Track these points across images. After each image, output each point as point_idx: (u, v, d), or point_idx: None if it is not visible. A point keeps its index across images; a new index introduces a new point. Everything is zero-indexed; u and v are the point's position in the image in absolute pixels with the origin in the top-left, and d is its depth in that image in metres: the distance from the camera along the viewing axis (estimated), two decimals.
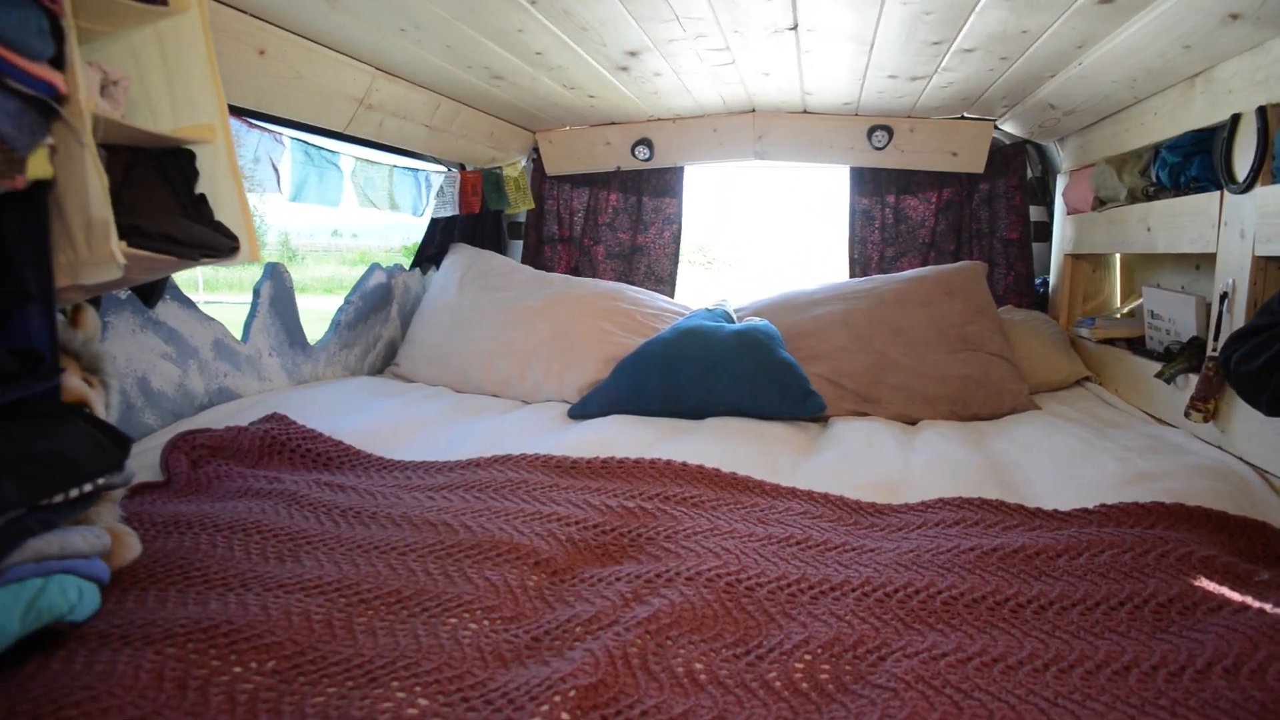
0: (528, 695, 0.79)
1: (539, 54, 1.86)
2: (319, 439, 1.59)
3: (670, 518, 1.23)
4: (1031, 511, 1.28)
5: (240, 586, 1.00)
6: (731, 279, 8.48)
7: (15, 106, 0.82)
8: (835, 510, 1.32)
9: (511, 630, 0.94)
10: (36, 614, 0.84)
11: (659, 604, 0.96)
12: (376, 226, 16.68)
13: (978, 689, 0.81)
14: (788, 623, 0.96)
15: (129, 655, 0.83)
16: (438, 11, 1.55)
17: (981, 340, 2.03)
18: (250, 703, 0.78)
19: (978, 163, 2.52)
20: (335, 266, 15.08)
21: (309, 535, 1.15)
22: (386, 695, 0.79)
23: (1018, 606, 0.99)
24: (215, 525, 1.18)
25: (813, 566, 1.09)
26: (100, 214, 0.90)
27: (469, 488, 1.35)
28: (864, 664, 0.87)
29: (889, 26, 1.65)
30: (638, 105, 2.46)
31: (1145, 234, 1.78)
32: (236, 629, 0.88)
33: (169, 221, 0.99)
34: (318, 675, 0.83)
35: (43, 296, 0.95)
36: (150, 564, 1.05)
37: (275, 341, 1.97)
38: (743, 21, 1.66)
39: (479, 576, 1.04)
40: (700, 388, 1.92)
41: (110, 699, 0.76)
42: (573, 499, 1.29)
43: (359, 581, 1.01)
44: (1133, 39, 1.51)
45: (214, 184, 1.08)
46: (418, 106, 2.09)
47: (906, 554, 1.13)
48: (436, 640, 0.89)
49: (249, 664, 0.84)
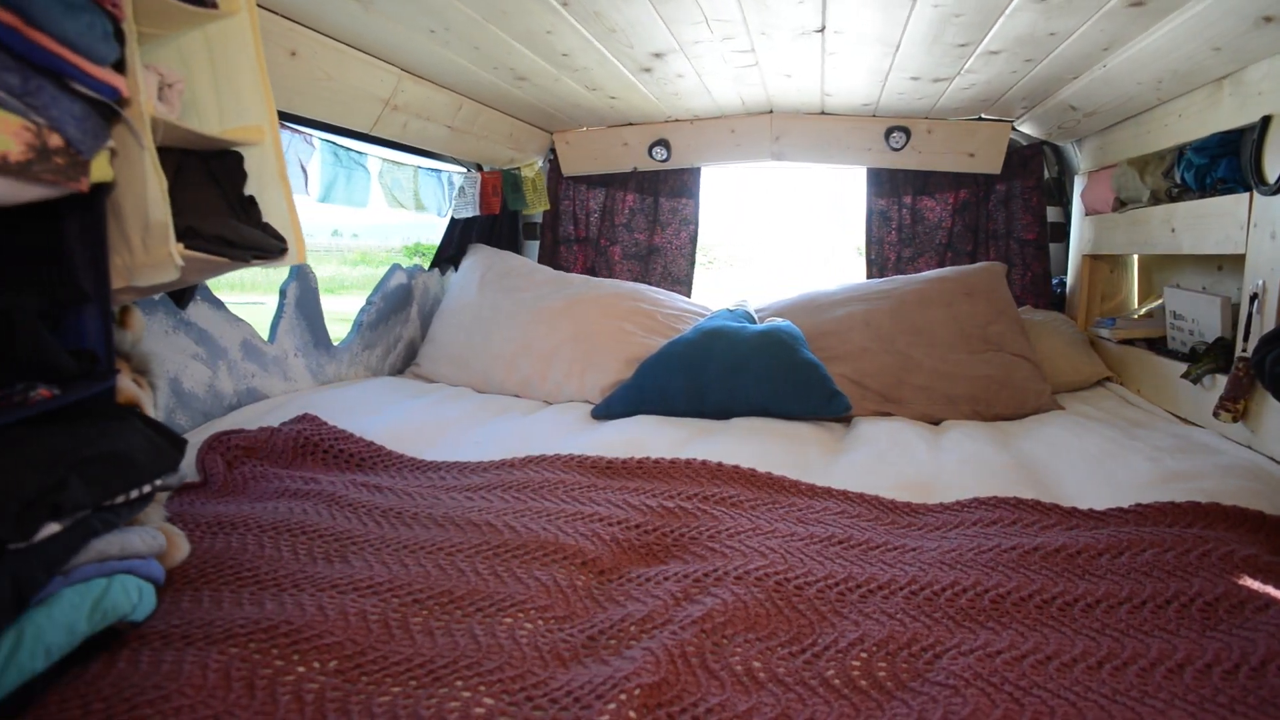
0: (593, 694, 0.79)
1: (565, 55, 1.86)
2: (351, 439, 1.59)
3: (711, 518, 1.24)
4: (1067, 511, 1.29)
5: (293, 587, 1.00)
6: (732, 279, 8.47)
7: (81, 110, 0.82)
8: (872, 510, 1.33)
9: (566, 630, 0.94)
10: (102, 614, 0.84)
11: (711, 603, 0.97)
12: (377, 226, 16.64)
13: (1036, 686, 0.82)
14: (840, 621, 0.97)
15: (194, 655, 0.83)
16: (469, 13, 1.55)
17: (1004, 341, 2.04)
18: (318, 702, 0.79)
19: (995, 164, 2.53)
20: (336, 266, 15.05)
21: (354, 536, 1.16)
22: (452, 695, 0.80)
23: (1065, 605, 1.00)
24: (259, 526, 1.18)
25: (858, 566, 1.10)
26: (159, 216, 0.91)
27: (506, 488, 1.35)
28: (920, 662, 0.88)
29: (917, 28, 1.66)
30: (657, 106, 2.46)
31: (1169, 235, 1.79)
32: (296, 629, 0.89)
33: (222, 223, 0.99)
34: (380, 675, 0.83)
35: (99, 298, 0.96)
36: (200, 564, 1.06)
37: (300, 342, 1.97)
38: (771, 23, 1.67)
39: (529, 576, 1.04)
40: (725, 388, 1.93)
41: (181, 698, 0.76)
42: (612, 499, 1.30)
43: (409, 582, 1.02)
44: (1161, 41, 1.52)
45: (261, 186, 1.09)
46: (441, 107, 2.10)
47: (949, 553, 1.14)
48: (495, 640, 0.90)
49: (311, 664, 0.84)
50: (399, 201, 1.97)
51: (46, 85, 0.79)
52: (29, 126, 0.76)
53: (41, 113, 0.78)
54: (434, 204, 2.17)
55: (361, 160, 1.87)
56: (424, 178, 2.13)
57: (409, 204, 2.02)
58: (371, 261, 12.54)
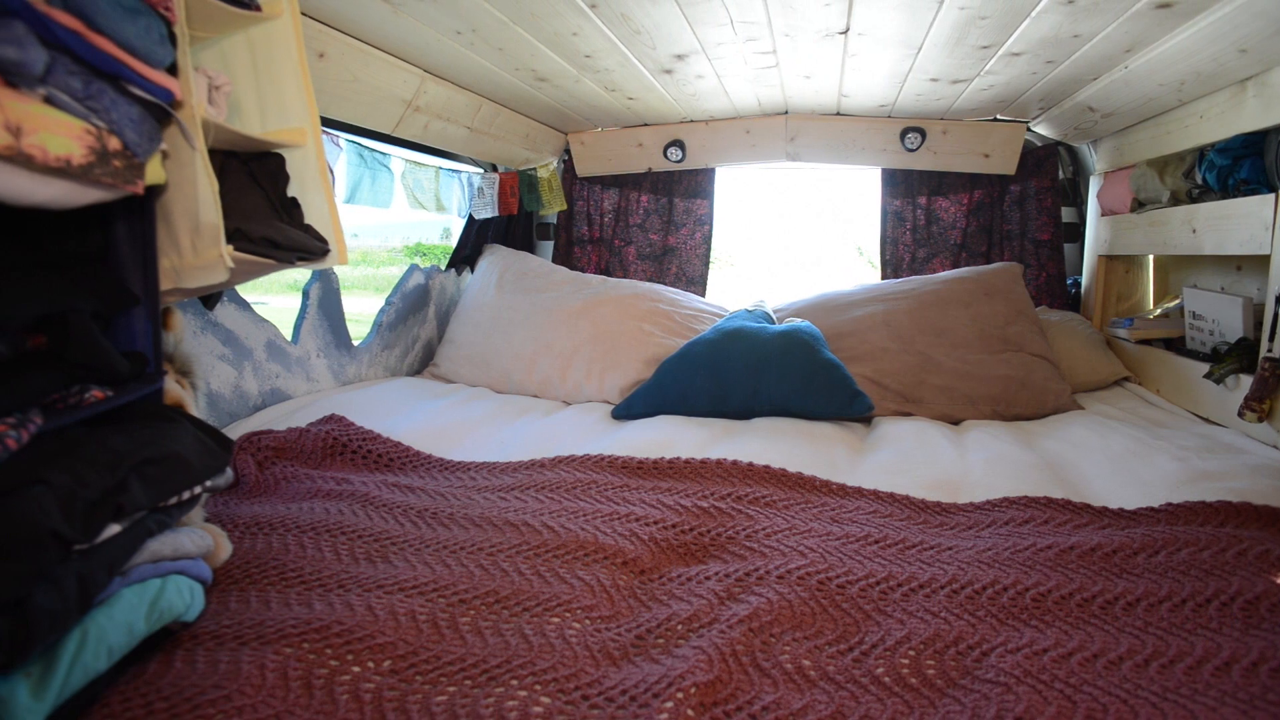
0: (650, 693, 0.80)
1: (588, 57, 1.87)
2: (379, 440, 1.60)
3: (747, 517, 1.25)
4: (1098, 510, 1.30)
5: (338, 587, 1.01)
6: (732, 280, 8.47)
7: (138, 113, 0.83)
8: (904, 509, 1.33)
9: (613, 629, 0.95)
10: (159, 614, 0.85)
11: (757, 602, 0.98)
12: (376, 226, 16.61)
13: (1086, 684, 0.83)
14: (884, 620, 0.97)
15: (250, 655, 0.84)
16: (498, 15, 1.56)
17: (1023, 341, 2.05)
18: (375, 701, 0.79)
19: (1010, 164, 2.54)
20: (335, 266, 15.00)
21: (393, 537, 1.17)
22: (509, 694, 0.80)
23: (1106, 604, 1.00)
24: (298, 526, 1.19)
25: (897, 565, 1.11)
26: (210, 218, 0.91)
27: (539, 488, 1.36)
28: (968, 660, 0.89)
29: (941, 30, 1.67)
30: (674, 107, 2.47)
31: (1190, 235, 1.80)
32: (348, 629, 0.89)
33: (268, 225, 1.00)
34: (435, 675, 0.84)
35: (148, 301, 0.96)
36: (243, 564, 1.06)
37: (322, 343, 1.98)
38: (796, 25, 1.68)
39: (572, 576, 1.05)
40: (747, 388, 1.93)
41: (242, 698, 0.77)
42: (646, 499, 1.30)
43: (453, 582, 1.02)
44: (1186, 43, 1.53)
45: (303, 187, 1.09)
46: (461, 108, 2.10)
47: (985, 552, 1.14)
48: (545, 639, 0.90)
49: (366, 664, 0.85)
50: (420, 202, 1.97)
51: (107, 89, 0.80)
52: (90, 130, 0.77)
53: (102, 116, 0.79)
54: (454, 205, 2.18)
55: (385, 161, 1.88)
56: (444, 178, 2.14)
57: (430, 205, 2.03)
58: (372, 261, 12.53)
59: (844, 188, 5.98)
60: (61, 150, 0.73)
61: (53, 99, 0.75)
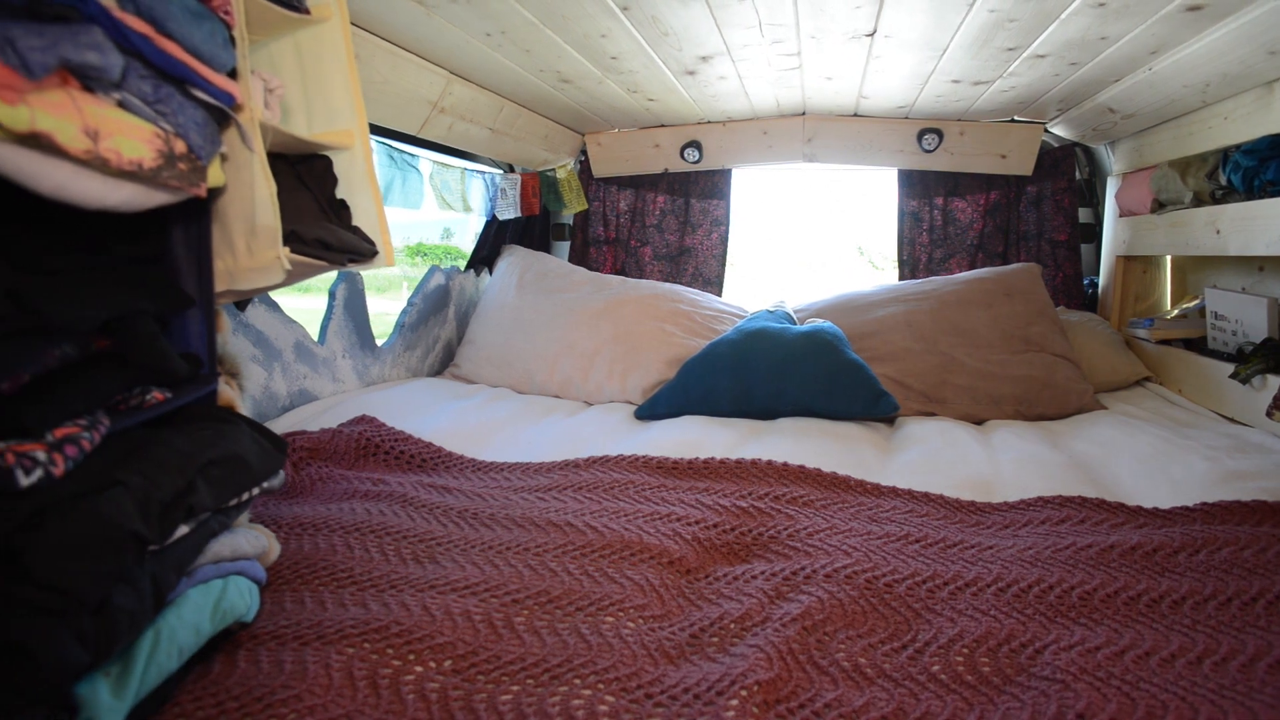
0: (714, 691, 0.81)
1: (614, 58, 1.88)
2: (410, 441, 1.60)
3: (787, 517, 1.25)
4: (1132, 510, 1.31)
5: (390, 588, 1.01)
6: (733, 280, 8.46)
7: (202, 117, 0.84)
8: (939, 509, 1.34)
9: (666, 628, 0.96)
10: (222, 615, 0.86)
11: (808, 601, 0.98)
12: None
13: (1143, 681, 0.84)
14: (935, 618, 0.98)
15: (314, 655, 0.84)
16: (529, 16, 1.56)
17: (1044, 341, 2.06)
18: (442, 701, 0.80)
19: (1026, 165, 2.55)
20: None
21: (437, 537, 1.17)
22: (573, 693, 0.81)
23: (1152, 601, 1.01)
24: (341, 527, 1.19)
25: (941, 564, 1.11)
26: (268, 220, 0.92)
27: (577, 489, 1.37)
28: (1022, 657, 0.90)
29: (968, 33, 1.67)
30: (693, 109, 2.48)
31: (1214, 236, 1.81)
32: (407, 629, 0.90)
33: (321, 227, 1.00)
34: (497, 674, 0.85)
35: (203, 302, 0.97)
36: (292, 565, 1.07)
37: (348, 344, 1.98)
38: (824, 28, 1.69)
39: (620, 576, 1.06)
40: (771, 389, 1.94)
41: (312, 698, 0.77)
42: (685, 499, 1.31)
43: (504, 583, 1.03)
44: (1214, 45, 1.54)
45: (351, 189, 1.10)
46: (484, 109, 2.11)
47: (1026, 551, 1.15)
48: (602, 639, 0.91)
49: (428, 663, 0.86)
50: (448, 203, 1.98)
51: (174, 93, 0.80)
52: (159, 133, 0.78)
53: (169, 120, 0.79)
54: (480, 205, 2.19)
55: (414, 162, 1.88)
56: (470, 179, 2.14)
57: (458, 205, 2.04)
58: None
59: (845, 188, 5.99)
60: (134, 154, 0.74)
61: (125, 103, 0.76)
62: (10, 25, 0.63)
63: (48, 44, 0.64)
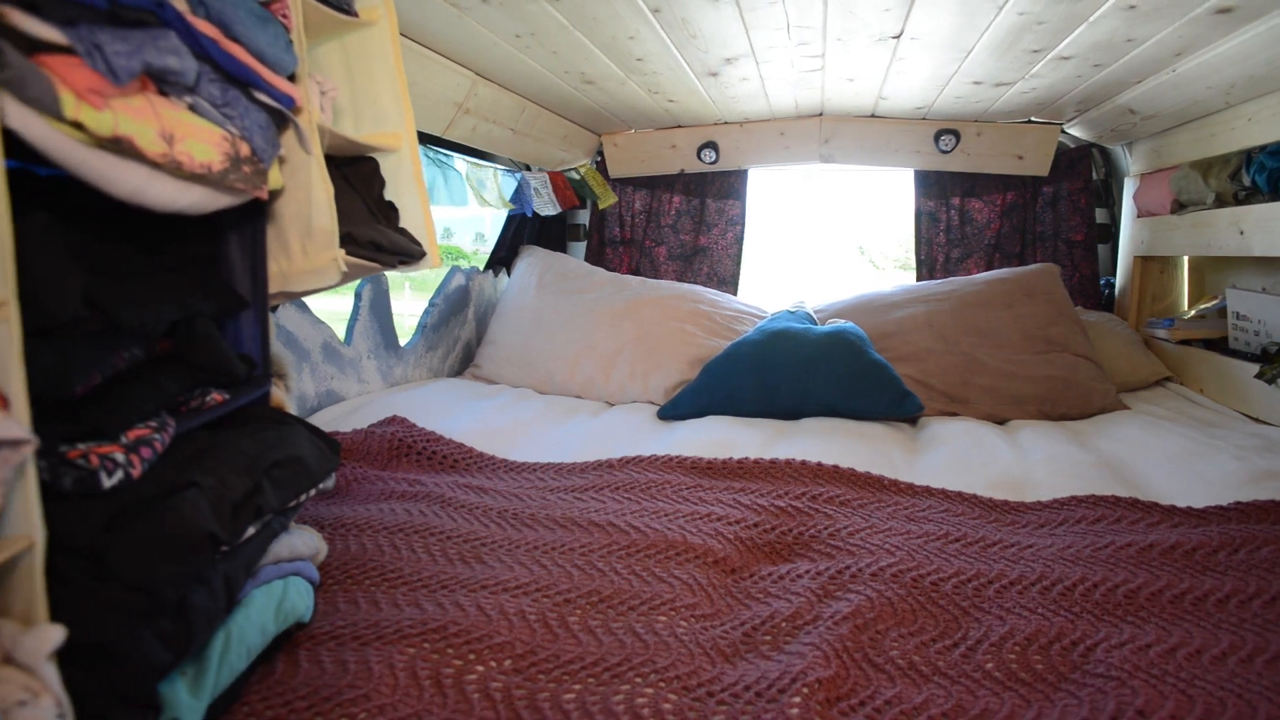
0: (775, 688, 0.81)
1: (640, 60, 1.88)
2: (442, 441, 1.61)
3: (825, 517, 1.26)
4: (1166, 509, 1.32)
5: (441, 588, 1.02)
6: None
7: (265, 119, 0.84)
8: (974, 508, 1.35)
9: (718, 627, 0.96)
10: (284, 615, 0.86)
11: (857, 600, 0.99)
12: None
13: (1197, 679, 0.84)
14: (983, 616, 0.99)
15: (376, 655, 0.85)
16: (560, 19, 1.57)
17: (1066, 341, 2.07)
18: (506, 700, 0.80)
19: (1043, 166, 2.56)
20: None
21: (480, 538, 1.18)
22: (636, 691, 0.82)
23: (1197, 600, 1.02)
24: (385, 528, 1.20)
25: (983, 563, 1.12)
26: (324, 222, 0.92)
27: (614, 489, 1.37)
28: (1074, 655, 0.90)
29: (995, 35, 1.68)
30: (711, 109, 2.48)
31: (1237, 237, 1.82)
32: (464, 629, 0.90)
33: (372, 228, 1.01)
34: (558, 673, 0.85)
35: (257, 304, 0.98)
36: (341, 565, 1.07)
37: (373, 344, 1.99)
38: (852, 29, 1.69)
39: (668, 576, 1.06)
40: (795, 389, 1.95)
41: (380, 697, 0.78)
42: (722, 499, 1.32)
43: (553, 583, 1.04)
44: (1242, 46, 1.55)
45: (398, 191, 1.10)
46: (507, 110, 2.11)
47: (1066, 550, 1.16)
48: (658, 638, 0.92)
49: (488, 663, 0.86)
50: (486, 200, 1.99)
51: (240, 96, 0.81)
52: (226, 136, 0.78)
53: (235, 123, 0.80)
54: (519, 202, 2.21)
55: (450, 162, 1.89)
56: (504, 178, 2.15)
57: (495, 202, 2.05)
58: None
59: (846, 189, 6.00)
60: (204, 157, 0.74)
61: (196, 106, 0.76)
62: (97, 31, 0.63)
63: (132, 49, 0.65)
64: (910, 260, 7.11)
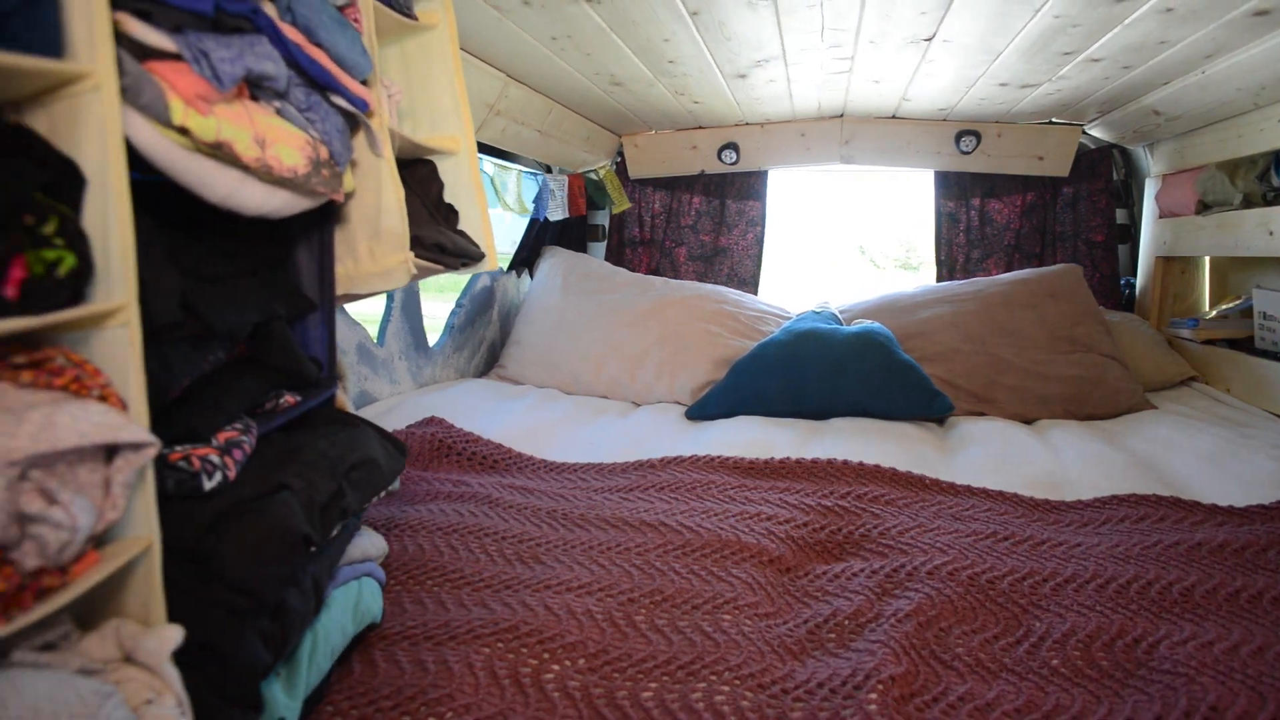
0: (850, 685, 0.82)
1: (671, 62, 1.89)
2: (480, 442, 1.61)
3: (873, 516, 1.27)
4: (1208, 508, 1.33)
5: (504, 589, 1.03)
6: None
7: (341, 123, 0.85)
8: (1016, 507, 1.36)
9: (782, 626, 0.97)
10: (360, 616, 0.87)
11: (918, 599, 1.00)
12: None
13: (1264, 675, 0.85)
14: (1043, 614, 1.00)
15: (453, 655, 0.86)
16: (598, 21, 1.58)
17: (1092, 341, 2.08)
18: (586, 698, 0.81)
19: (1063, 167, 2.57)
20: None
21: (534, 538, 1.18)
22: (713, 689, 0.83)
23: (1252, 598, 1.03)
24: (439, 529, 1.20)
25: (1035, 561, 1.13)
26: (394, 225, 0.93)
27: (658, 489, 1.38)
28: (1137, 651, 0.91)
29: (1027, 37, 1.69)
30: (735, 110, 2.49)
31: (1266, 238, 1.83)
32: (535, 629, 0.91)
33: (437, 231, 1.02)
34: (632, 672, 0.86)
35: (324, 306, 0.98)
36: (401, 566, 1.08)
37: (404, 345, 1.99)
38: (886, 32, 1.70)
39: (726, 575, 1.07)
40: (825, 389, 1.96)
41: (464, 697, 0.79)
42: (769, 499, 1.33)
43: (614, 583, 1.04)
44: (1275, 49, 1.56)
45: (456, 194, 1.11)
46: (535, 112, 2.12)
47: (1115, 548, 1.17)
48: (726, 636, 0.93)
49: (563, 662, 0.87)
50: (508, 204, 1.99)
51: (321, 101, 0.82)
52: (309, 141, 0.79)
53: (317, 127, 0.81)
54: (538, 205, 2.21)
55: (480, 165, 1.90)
56: (526, 181, 2.16)
57: (515, 206, 2.05)
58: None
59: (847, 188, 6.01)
60: (291, 161, 0.75)
61: (282, 111, 0.77)
62: (203, 37, 0.64)
63: (234, 55, 0.65)
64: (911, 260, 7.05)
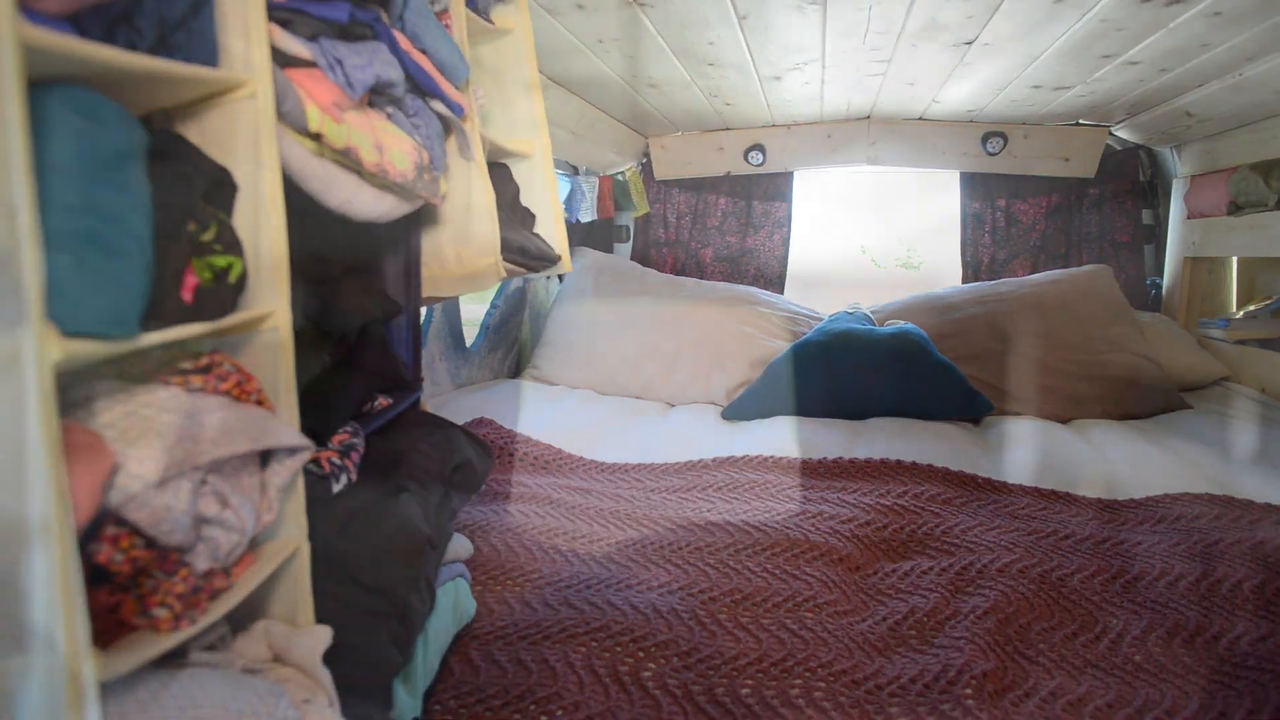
0: (944, 680, 0.84)
1: (711, 65, 1.90)
2: (530, 443, 1.62)
3: (934, 515, 1.28)
4: (1262, 506, 1.34)
5: (585, 588, 1.04)
6: None
7: (439, 128, 0.86)
8: (1070, 505, 1.37)
9: (862, 623, 0.98)
10: (459, 616, 0.88)
11: (994, 596, 1.01)
12: None
13: None
14: (1118, 611, 1.01)
15: (552, 653, 0.87)
16: (648, 25, 1.59)
17: (1125, 341, 2.10)
18: (687, 695, 0.82)
19: (1089, 168, 2.58)
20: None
21: (601, 538, 1.20)
22: (809, 685, 0.84)
23: None
24: (508, 529, 1.21)
25: (1101, 559, 1.14)
26: (484, 228, 0.94)
27: (717, 489, 1.39)
28: (1218, 647, 0.93)
29: (1069, 40, 1.70)
30: (764, 112, 2.50)
31: None
32: (626, 628, 0.92)
33: (519, 234, 1.03)
34: (726, 669, 0.87)
35: (409, 309, 0.99)
36: (479, 566, 1.09)
37: (444, 346, 2.00)
38: (931, 34, 1.71)
39: (800, 574, 1.08)
40: (862, 389, 1.97)
41: (570, 695, 0.80)
42: (828, 498, 1.34)
43: (691, 582, 1.05)
44: None
45: (531, 197, 1.12)
46: (570, 114, 2.13)
47: (1177, 547, 1.18)
48: (811, 634, 0.94)
49: (657, 660, 0.88)
50: None
51: (424, 107, 0.82)
52: (416, 146, 0.80)
53: (421, 132, 0.82)
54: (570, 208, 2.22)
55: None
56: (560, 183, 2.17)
57: None
58: None
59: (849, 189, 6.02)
60: (402, 166, 0.76)
61: (393, 117, 0.78)
62: (337, 45, 0.65)
63: (365, 63, 0.66)
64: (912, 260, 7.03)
